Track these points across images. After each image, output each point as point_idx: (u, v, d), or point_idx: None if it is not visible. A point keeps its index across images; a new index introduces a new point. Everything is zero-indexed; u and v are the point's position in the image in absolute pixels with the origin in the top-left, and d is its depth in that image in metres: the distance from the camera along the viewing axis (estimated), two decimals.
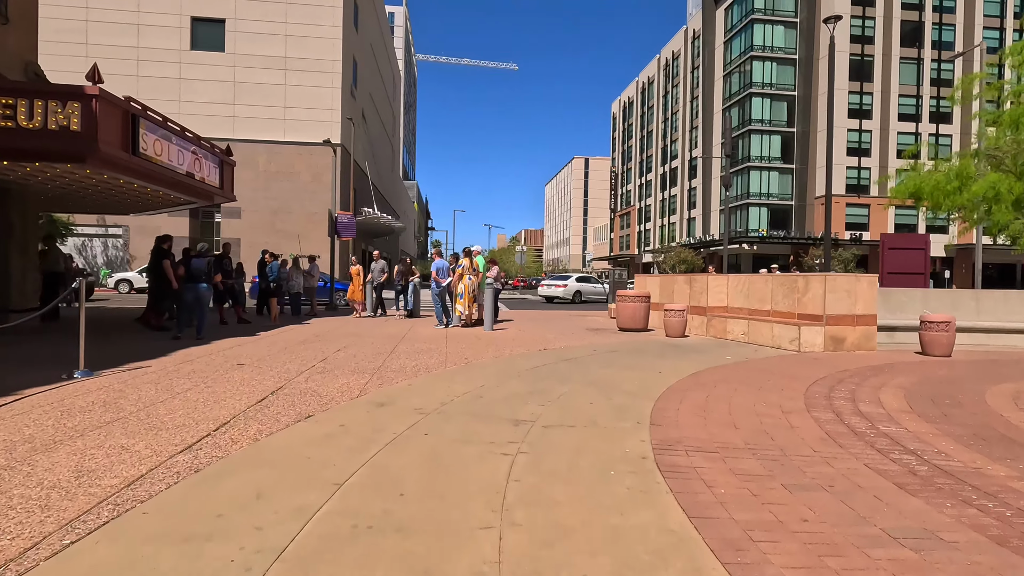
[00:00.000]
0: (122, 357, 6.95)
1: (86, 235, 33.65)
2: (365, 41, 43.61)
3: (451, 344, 9.10)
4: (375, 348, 8.42)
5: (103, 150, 7.76)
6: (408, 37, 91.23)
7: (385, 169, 56.15)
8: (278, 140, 34.04)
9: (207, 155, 11.04)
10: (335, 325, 12.06)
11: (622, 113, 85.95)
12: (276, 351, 7.87)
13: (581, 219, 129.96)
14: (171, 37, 33.42)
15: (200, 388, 5.22)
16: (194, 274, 8.81)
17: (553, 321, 14.66)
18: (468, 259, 12.22)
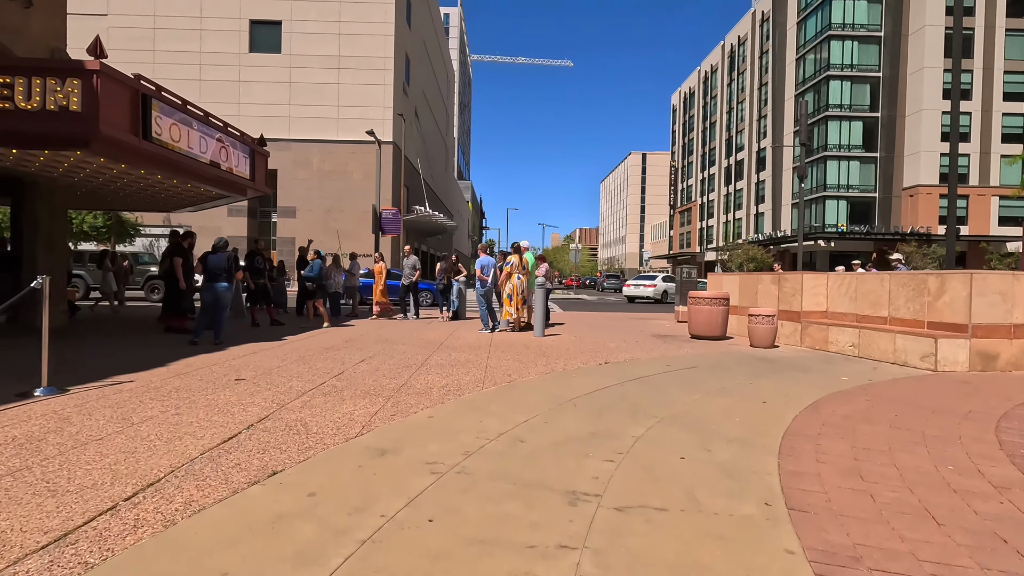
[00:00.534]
0: (114, 368, 6.02)
1: (153, 235, 34.79)
2: (418, 38, 43.18)
3: (494, 354, 7.74)
4: (404, 359, 7.17)
5: (106, 133, 6.90)
6: (463, 38, 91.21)
7: (439, 168, 55.81)
8: (331, 139, 34.01)
9: (235, 143, 10.21)
10: (371, 328, 10.98)
11: (683, 105, 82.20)
12: (291, 361, 6.76)
13: (638, 216, 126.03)
14: (231, 40, 34.01)
15: (166, 416, 4.09)
16: (212, 272, 7.90)
17: (612, 325, 13.05)
18: (517, 256, 10.84)
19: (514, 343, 9.12)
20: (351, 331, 10.42)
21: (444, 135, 62.69)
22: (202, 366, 6.25)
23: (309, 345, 8.31)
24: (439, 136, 57.34)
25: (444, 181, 59.63)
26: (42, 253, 9.69)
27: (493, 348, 8.43)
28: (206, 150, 9.22)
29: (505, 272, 10.78)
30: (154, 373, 5.75)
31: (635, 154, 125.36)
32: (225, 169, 9.87)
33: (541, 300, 10.23)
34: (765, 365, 7.30)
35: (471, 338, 9.74)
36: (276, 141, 33.83)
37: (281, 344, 8.34)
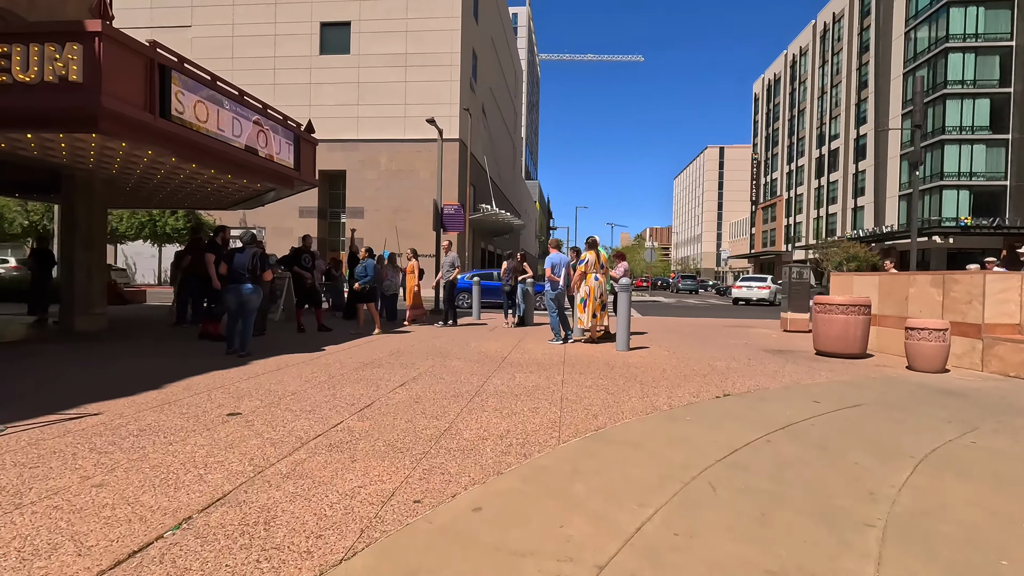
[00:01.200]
0: (92, 391, 4.84)
1: (232, 236, 35.84)
2: (485, 34, 42.18)
3: (570, 377, 6.01)
4: (455, 382, 5.60)
5: (110, 107, 5.83)
6: (531, 36, 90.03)
7: (506, 167, 54.68)
8: (398, 138, 33.56)
9: (276, 128, 9.11)
10: (425, 337, 9.56)
11: (766, 93, 76.47)
12: (314, 384, 5.37)
13: (715, 214, 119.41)
14: (302, 44, 34.37)
15: (75, 492, 2.71)
16: (235, 272, 6.72)
17: (707, 335, 10.93)
18: (593, 252, 9.05)
19: (593, 360, 7.35)
20: (402, 340, 9.04)
21: (512, 133, 61.55)
22: (202, 390, 4.96)
23: (347, 359, 6.94)
24: (507, 134, 56.22)
25: (511, 180, 58.48)
26: (80, 251, 9.01)
27: (568, 367, 6.70)
28: (240, 133, 8.13)
29: (579, 272, 9.02)
30: (135, 401, 4.49)
31: (712, 148, 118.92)
32: (264, 156, 8.77)
33: (625, 306, 8.37)
34: (962, 404, 5.09)
35: (539, 351, 8.06)
36: (345, 142, 33.87)
37: (315, 357, 7.03)
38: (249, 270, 6.63)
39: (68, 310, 8.96)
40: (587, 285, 9.00)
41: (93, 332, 8.94)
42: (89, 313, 9.03)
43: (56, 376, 5.46)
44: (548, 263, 9.18)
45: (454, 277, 11.76)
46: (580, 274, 9.01)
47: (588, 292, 8.98)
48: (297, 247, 10.52)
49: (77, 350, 7.15)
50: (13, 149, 7.48)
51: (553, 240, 9.42)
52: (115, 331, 9.24)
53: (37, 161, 8.25)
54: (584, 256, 9.02)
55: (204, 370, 5.89)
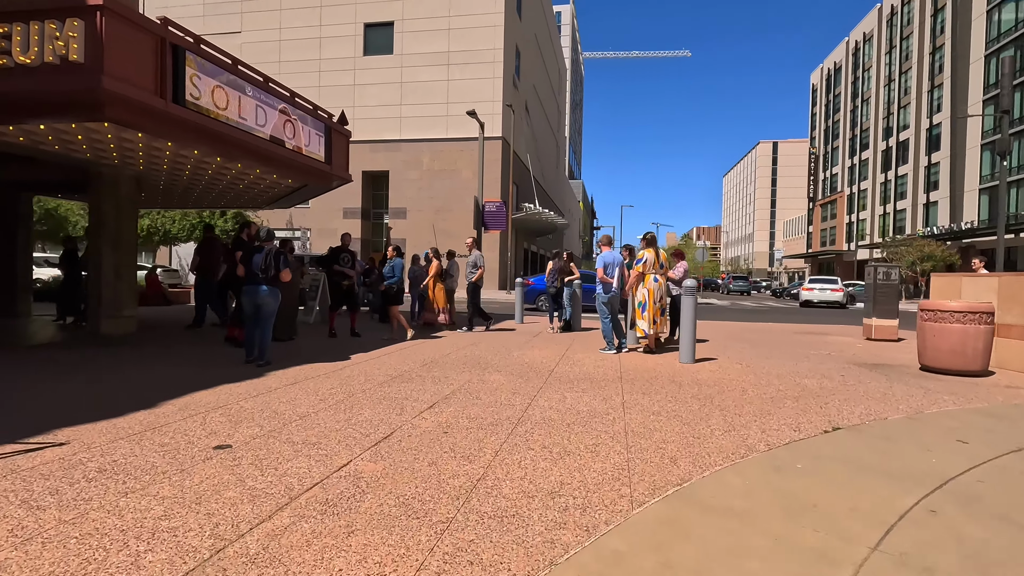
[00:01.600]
0: (68, 412, 4.21)
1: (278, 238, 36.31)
2: (529, 31, 41.35)
3: (632, 399, 5.01)
4: (494, 404, 4.69)
5: (112, 90, 5.25)
6: (575, 35, 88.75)
7: (549, 166, 53.67)
8: (440, 138, 33.15)
9: (305, 118, 8.48)
10: (461, 344, 8.72)
11: (825, 84, 72.36)
12: (329, 405, 4.58)
13: (768, 212, 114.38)
14: (347, 46, 34.47)
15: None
16: (251, 273, 6.05)
17: (778, 343, 9.64)
18: (652, 250, 7.98)
19: (655, 374, 6.29)
20: (437, 348, 8.22)
21: (556, 132, 60.48)
22: (200, 410, 4.24)
23: (373, 371, 6.16)
24: (550, 133, 55.20)
25: (555, 179, 57.42)
26: (107, 250, 8.63)
27: (627, 384, 5.69)
28: (265, 123, 7.51)
29: (635, 273, 7.97)
30: (116, 425, 3.80)
31: (764, 143, 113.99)
32: (292, 148, 8.15)
33: (690, 311, 7.26)
34: None
35: (591, 363, 7.06)
36: (388, 142, 33.73)
37: (339, 368, 6.28)
38: (262, 270, 5.94)
39: (95, 313, 8.60)
40: (645, 287, 7.94)
41: (119, 336, 8.55)
42: (116, 316, 8.65)
43: (49, 389, 4.90)
44: (600, 263, 8.16)
45: (477, 278, 10.85)
46: (637, 275, 7.95)
47: (646, 295, 7.92)
48: (335, 246, 9.82)
49: (92, 356, 6.67)
50: (34, 144, 7.11)
51: (604, 237, 8.40)
52: (143, 335, 8.84)
53: (63, 158, 7.90)
54: (642, 255, 7.96)
55: (212, 383, 5.22)
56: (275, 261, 6.02)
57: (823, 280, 28.07)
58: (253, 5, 35.81)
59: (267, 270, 5.97)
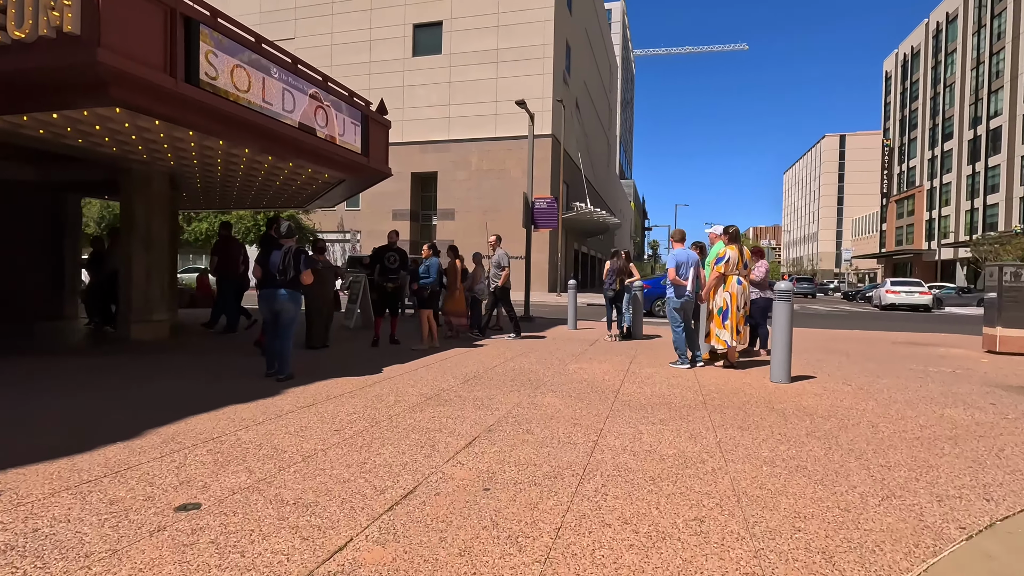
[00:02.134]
0: (51, 437, 3.49)
1: (328, 240, 36.67)
2: (579, 26, 40.17)
3: (728, 435, 3.85)
4: (549, 444, 3.66)
5: (110, 64, 4.58)
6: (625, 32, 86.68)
7: (600, 165, 52.17)
8: (489, 137, 32.49)
9: (339, 105, 7.74)
10: (509, 354, 7.73)
11: (900, 70, 67.16)
12: (344, 439, 3.69)
13: (834, 209, 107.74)
14: (396, 47, 34.39)
15: None
16: (269, 275, 5.28)
17: (879, 355, 8.11)
18: (736, 248, 6.74)
19: (747, 399, 5.08)
20: (482, 359, 7.26)
21: (607, 131, 58.87)
22: (187, 443, 3.43)
23: (406, 389, 5.25)
24: (601, 131, 53.69)
25: (606, 178, 55.81)
26: (139, 251, 8.19)
27: (714, 412, 4.52)
28: (293, 108, 6.79)
29: (715, 273, 6.73)
30: (75, 464, 3.03)
31: (830, 137, 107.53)
32: (324, 138, 7.42)
33: (786, 321, 5.97)
34: None
35: (662, 381, 5.90)
36: (436, 143, 33.36)
37: (368, 385, 5.41)
38: (280, 271, 5.15)
39: (124, 317, 8.17)
40: (727, 291, 6.70)
41: (150, 342, 8.08)
42: (147, 320, 8.19)
43: (36, 408, 4.25)
44: (672, 261, 6.96)
45: (504, 280, 9.68)
46: (717, 276, 6.72)
47: (728, 300, 6.68)
48: (380, 245, 8.90)
49: (105, 367, 6.11)
50: (56, 137, 6.66)
51: (677, 232, 7.18)
52: (179, 340, 8.34)
53: (91, 153, 7.48)
54: (723, 252, 6.72)
55: (218, 402, 4.44)
56: (295, 261, 5.22)
57: (907, 282, 26.07)
58: (306, 11, 36.36)
59: (286, 271, 5.18)
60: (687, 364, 6.88)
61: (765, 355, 8.23)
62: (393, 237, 8.85)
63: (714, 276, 6.77)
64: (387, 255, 8.60)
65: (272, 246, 6.56)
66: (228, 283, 8.72)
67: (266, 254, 5.34)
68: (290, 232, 5.41)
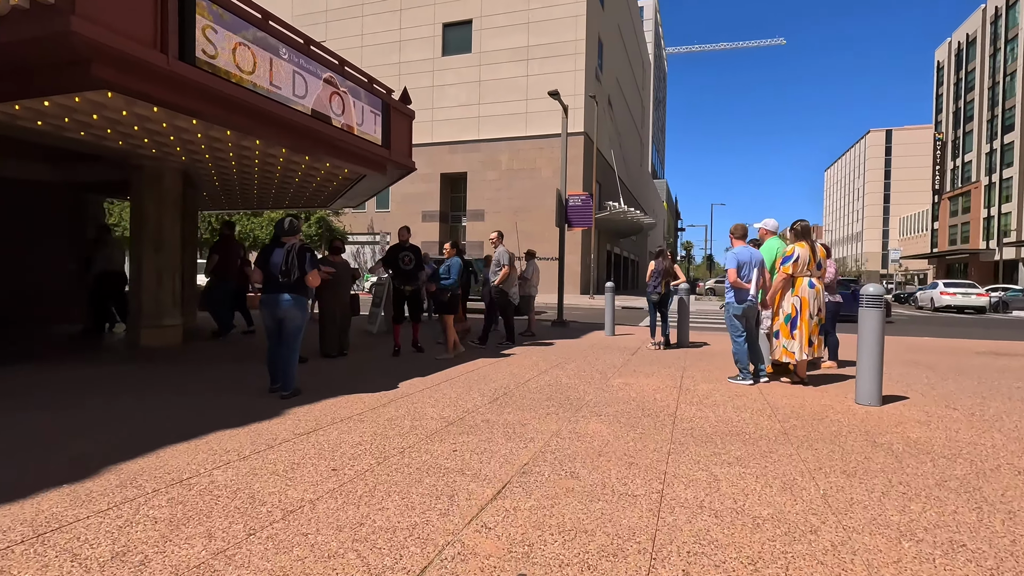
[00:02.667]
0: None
1: (359, 243, 36.59)
2: (612, 21, 39.11)
3: (833, 488, 2.96)
4: (603, 498, 2.83)
5: (86, 35, 3.98)
6: (658, 30, 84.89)
7: (633, 163, 50.85)
8: (519, 136, 31.78)
9: (358, 91, 7.08)
10: (544, 365, 6.92)
11: (954, 60, 63.51)
12: (341, 483, 2.96)
13: (880, 207, 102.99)
14: (426, 47, 34.05)
15: None
16: (271, 277, 4.61)
17: (961, 364, 6.97)
18: (807, 245, 5.77)
19: (837, 428, 4.14)
20: (513, 369, 6.47)
21: (639, 129, 57.44)
22: (145, 487, 2.76)
23: (424, 409, 4.51)
24: (634, 130, 52.36)
25: (639, 178, 54.42)
26: (149, 252, 7.72)
27: (801, 447, 3.62)
28: (305, 94, 6.15)
29: (782, 274, 5.79)
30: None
31: (875, 132, 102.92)
32: (340, 127, 6.76)
33: (876, 332, 4.97)
34: None
35: (724, 400, 5.00)
36: (466, 143, 32.83)
37: (382, 404, 4.69)
38: (283, 272, 4.48)
39: (134, 322, 7.71)
40: (796, 295, 5.75)
41: (160, 347, 7.60)
42: (158, 326, 7.70)
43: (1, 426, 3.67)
44: (732, 261, 6.03)
45: (500, 280, 8.62)
46: (785, 278, 5.77)
47: (798, 305, 5.72)
48: (393, 243, 8.18)
49: (101, 377, 5.57)
50: (56, 130, 6.19)
51: (738, 227, 6.24)
52: (191, 346, 7.84)
53: (97, 148, 7.03)
54: (792, 251, 5.77)
55: (204, 427, 3.78)
56: (299, 261, 4.54)
57: (961, 283, 25.01)
58: (337, 13, 36.38)
59: (289, 273, 4.50)
60: (750, 380, 5.94)
61: (831, 367, 7.21)
62: (404, 234, 7.95)
63: (781, 278, 5.82)
64: (401, 255, 7.80)
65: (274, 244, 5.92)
66: (226, 285, 8.23)
67: (266, 254, 4.67)
68: (292, 228, 4.72)
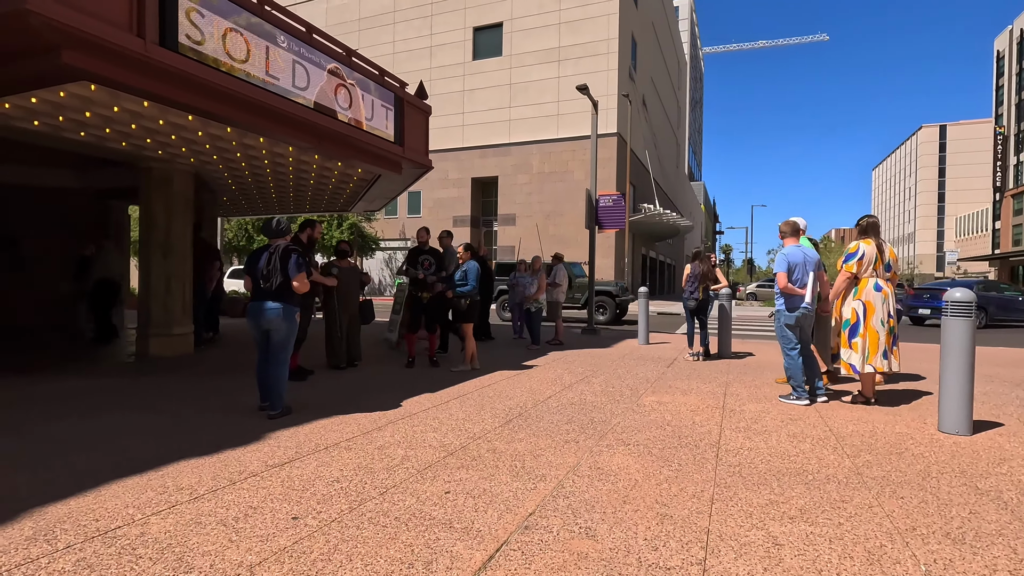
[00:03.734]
0: None
1: (391, 248, 36.60)
2: (646, 19, 38.13)
3: (941, 561, 2.21)
4: (620, 567, 2.18)
5: (45, 15, 3.59)
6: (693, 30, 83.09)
7: (669, 165, 49.47)
8: (551, 138, 31.19)
9: (367, 84, 6.61)
10: (568, 379, 6.24)
11: (1015, 49, 59.59)
12: (304, 535, 2.40)
13: (933, 207, 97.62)
14: (456, 52, 33.92)
15: None
16: (257, 284, 4.11)
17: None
18: (872, 242, 4.94)
19: (924, 464, 3.34)
20: (532, 384, 5.83)
21: (675, 130, 55.96)
22: (60, 541, 2.25)
23: (423, 436, 3.92)
24: (669, 131, 51.00)
25: (675, 180, 52.95)
26: (157, 257, 7.44)
27: (883, 494, 2.85)
28: (307, 86, 5.70)
29: (843, 277, 4.97)
30: None
31: (928, 127, 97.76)
32: (347, 122, 6.29)
33: (966, 344, 4.12)
34: None
35: (778, 426, 4.22)
36: (497, 147, 32.42)
37: (377, 427, 4.13)
38: (263, 276, 3.96)
39: (143, 331, 7.43)
40: (860, 298, 4.93)
41: (170, 357, 7.29)
42: (166, 334, 7.41)
43: None
44: (782, 264, 5.23)
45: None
46: (846, 280, 4.96)
47: (862, 310, 4.90)
48: (413, 246, 7.48)
49: (82, 391, 5.21)
50: (55, 131, 5.93)
51: (788, 224, 5.44)
52: (202, 356, 7.51)
53: (102, 151, 6.78)
54: (856, 248, 4.95)
55: (165, 457, 3.29)
56: (281, 264, 4.02)
57: None
58: (369, 22, 36.65)
59: (270, 277, 3.99)
60: (806, 399, 5.13)
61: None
62: (423, 236, 7.26)
63: (843, 278, 5.00)
64: (421, 258, 7.16)
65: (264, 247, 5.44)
66: (199, 291, 8.03)
67: (253, 259, 4.17)
68: (280, 229, 4.20)
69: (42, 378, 5.78)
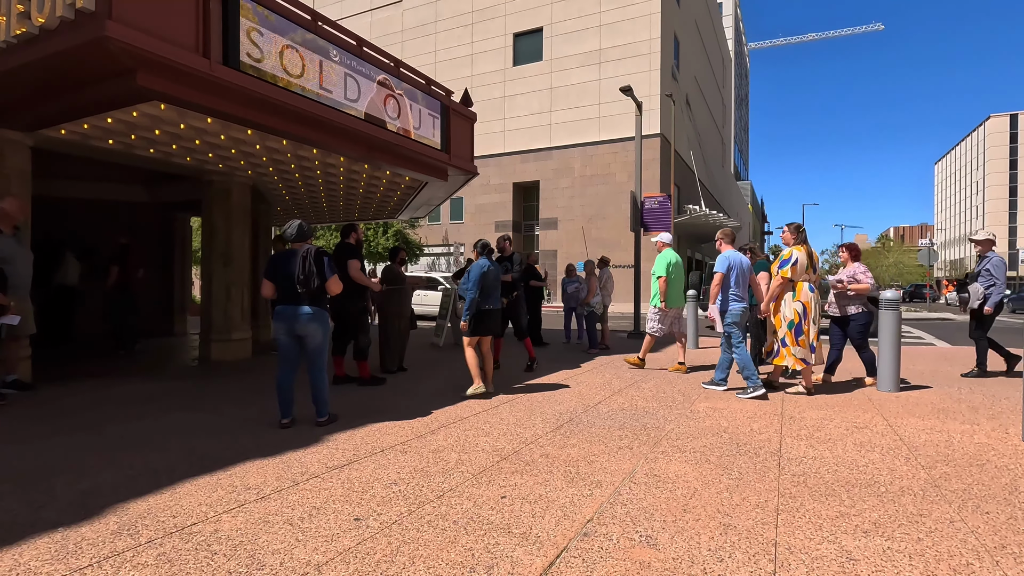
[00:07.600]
0: None
1: (434, 254, 37.15)
2: (688, 17, 37.45)
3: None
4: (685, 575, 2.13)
5: (124, 41, 3.83)
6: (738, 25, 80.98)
7: (714, 165, 48.26)
8: (592, 141, 31.01)
9: (414, 94, 6.75)
10: (622, 384, 6.15)
11: None
12: (364, 538, 2.45)
13: (1004, 202, 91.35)
14: (497, 58, 34.23)
15: None
16: (285, 288, 4.17)
17: None
18: (804, 248, 5.11)
19: (1015, 479, 3.10)
20: (580, 390, 5.77)
21: (720, 129, 54.61)
22: (133, 543, 2.38)
23: (475, 441, 3.95)
24: (714, 129, 49.79)
25: (721, 180, 51.58)
26: (218, 266, 7.81)
27: (968, 511, 2.66)
28: (357, 97, 5.87)
29: (778, 281, 5.01)
30: None
31: (997, 117, 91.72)
32: (396, 131, 6.45)
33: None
34: None
35: (842, 433, 4.02)
36: (538, 151, 32.48)
37: (432, 431, 4.19)
38: (301, 280, 4.04)
39: (205, 336, 7.80)
40: (799, 300, 4.86)
41: (229, 361, 7.63)
42: (226, 340, 7.75)
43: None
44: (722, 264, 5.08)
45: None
46: (780, 284, 4.85)
47: (801, 311, 4.86)
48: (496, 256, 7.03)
49: (161, 393, 5.51)
50: (127, 148, 6.32)
51: (726, 231, 5.30)
52: (260, 361, 7.83)
53: (169, 166, 7.19)
54: (791, 254, 4.93)
55: (234, 458, 3.43)
56: (316, 267, 4.08)
57: None
58: (412, 32, 37.42)
59: (308, 281, 4.05)
60: (762, 388, 5.21)
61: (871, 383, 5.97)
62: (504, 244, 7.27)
63: (778, 283, 5.01)
64: (504, 266, 7.05)
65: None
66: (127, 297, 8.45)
67: (275, 264, 4.20)
68: (302, 233, 4.24)
69: (115, 381, 6.15)
